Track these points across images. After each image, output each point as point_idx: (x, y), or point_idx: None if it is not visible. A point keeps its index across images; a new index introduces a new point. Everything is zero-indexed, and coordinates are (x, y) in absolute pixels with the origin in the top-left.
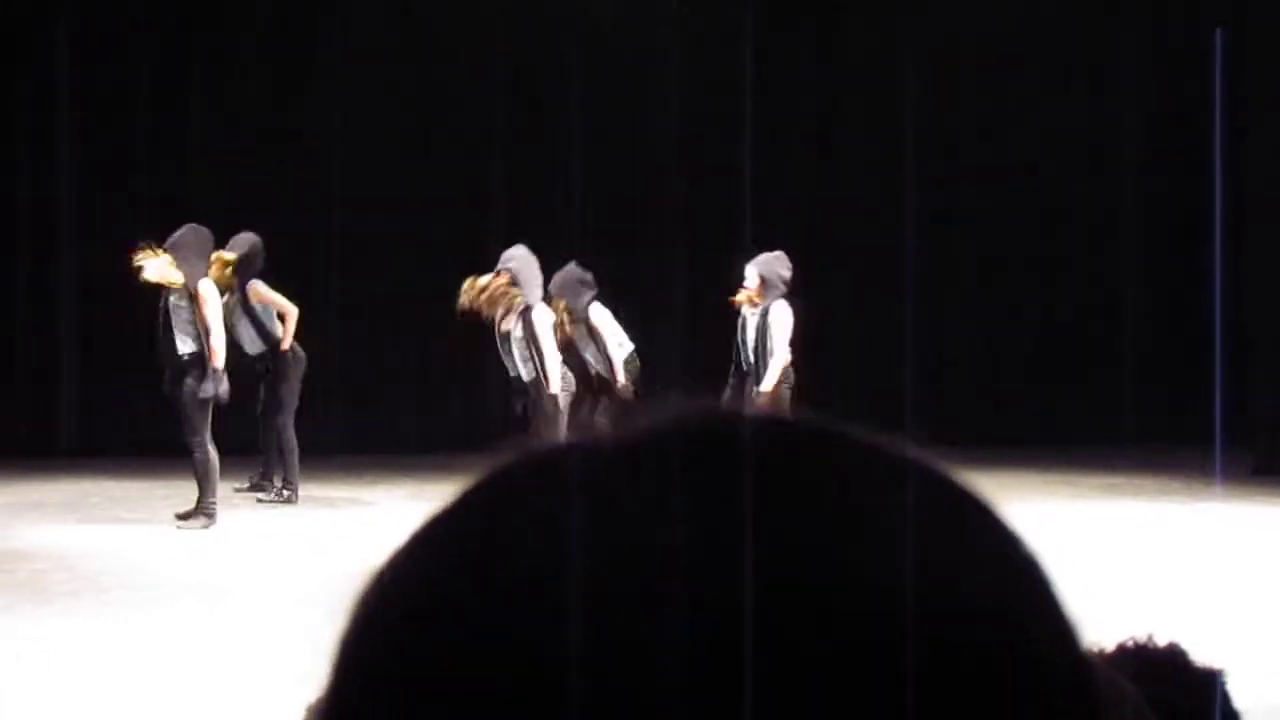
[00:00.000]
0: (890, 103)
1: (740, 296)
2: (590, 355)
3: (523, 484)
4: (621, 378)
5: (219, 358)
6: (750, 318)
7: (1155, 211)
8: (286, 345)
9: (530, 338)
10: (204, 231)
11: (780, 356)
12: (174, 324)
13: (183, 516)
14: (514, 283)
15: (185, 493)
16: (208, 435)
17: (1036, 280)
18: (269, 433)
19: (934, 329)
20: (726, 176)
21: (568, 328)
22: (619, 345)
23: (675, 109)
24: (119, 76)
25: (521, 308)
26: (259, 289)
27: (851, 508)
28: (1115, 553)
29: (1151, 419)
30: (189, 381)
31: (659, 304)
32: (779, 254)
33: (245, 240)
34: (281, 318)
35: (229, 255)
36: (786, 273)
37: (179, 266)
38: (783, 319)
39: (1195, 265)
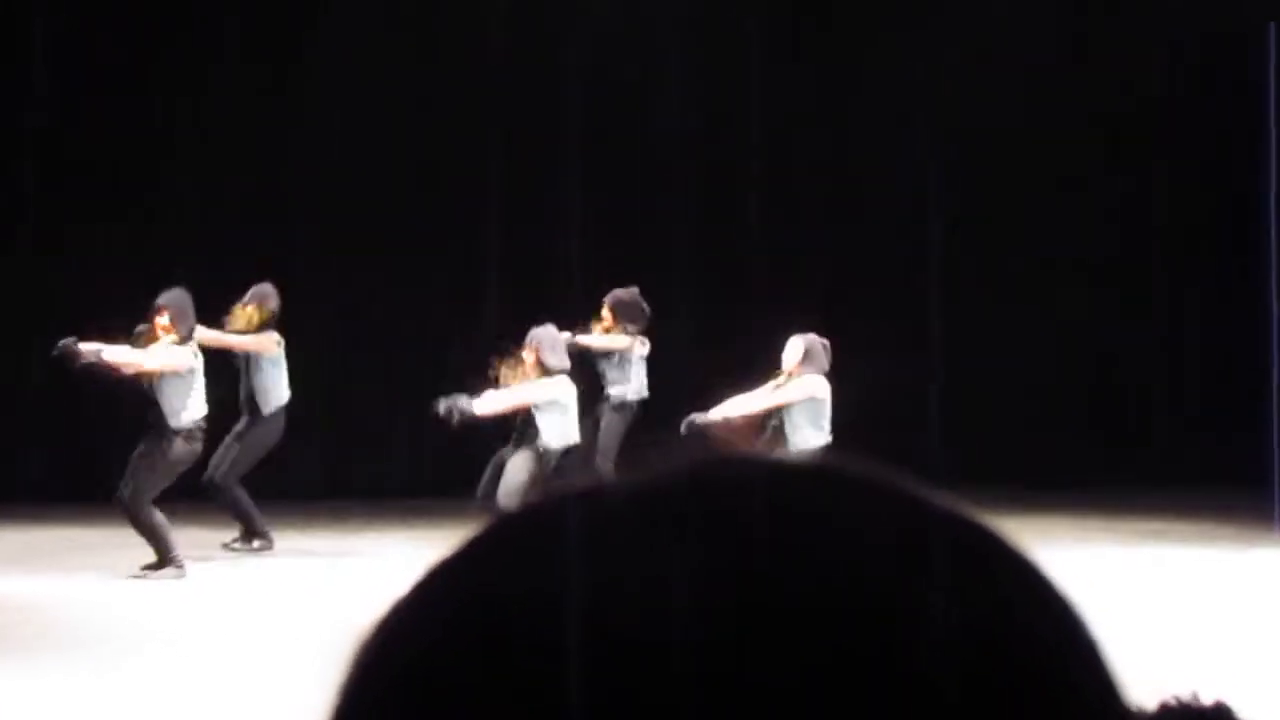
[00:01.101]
0: (915, 142)
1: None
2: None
3: (527, 534)
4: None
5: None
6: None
7: (1207, 251)
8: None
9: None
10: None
11: (763, 402)
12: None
13: (149, 567)
14: (542, 363)
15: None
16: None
17: (1079, 319)
18: (223, 494)
19: (966, 368)
20: (738, 216)
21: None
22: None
23: (681, 136)
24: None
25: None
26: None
27: (873, 562)
28: (1159, 602)
29: (1199, 462)
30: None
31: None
32: (824, 341)
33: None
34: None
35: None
36: (826, 360)
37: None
38: (803, 384)
39: (1250, 304)
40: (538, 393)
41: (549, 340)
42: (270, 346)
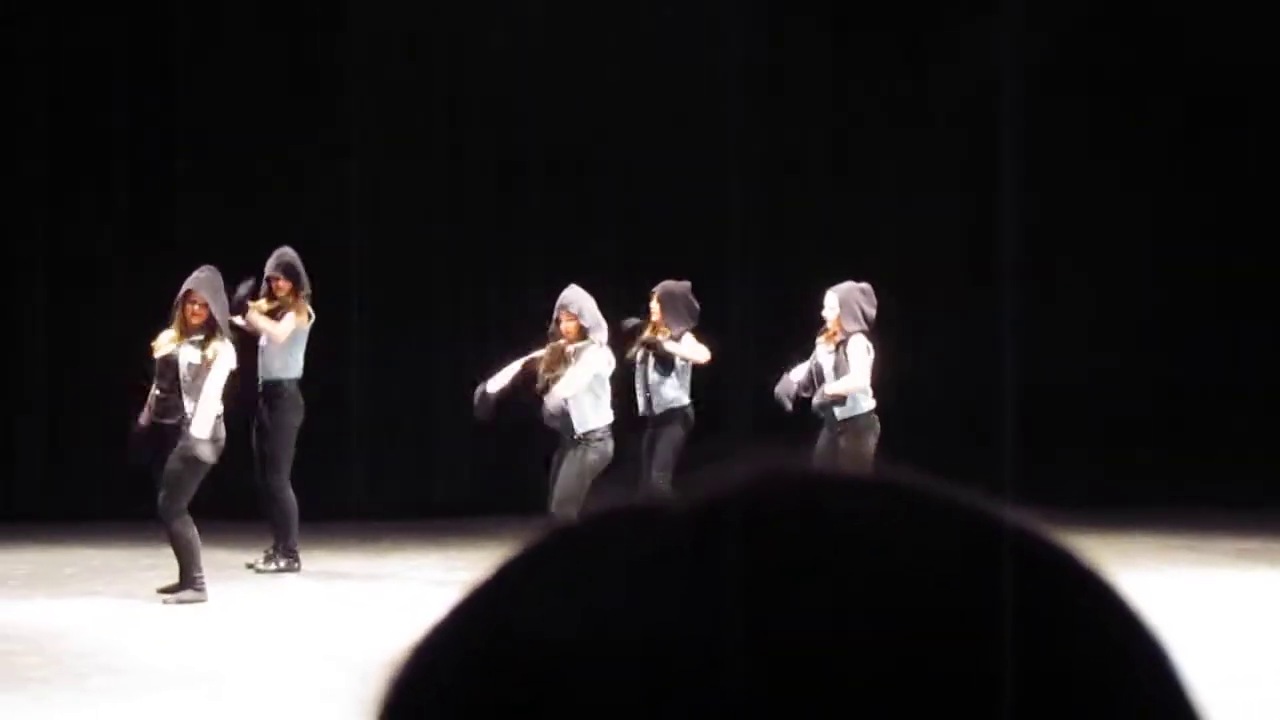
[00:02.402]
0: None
1: (823, 338)
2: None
3: (567, 556)
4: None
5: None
6: (825, 352)
7: None
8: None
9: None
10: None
11: (855, 387)
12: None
13: (167, 590)
14: (583, 329)
15: (170, 562)
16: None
17: (1157, 326)
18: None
19: (1045, 382)
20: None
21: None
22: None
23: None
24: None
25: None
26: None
27: (942, 582)
28: (1245, 627)
29: None
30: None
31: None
32: (864, 285)
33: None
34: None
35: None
36: (871, 308)
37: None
38: (860, 354)
39: None
40: (593, 365)
41: (585, 303)
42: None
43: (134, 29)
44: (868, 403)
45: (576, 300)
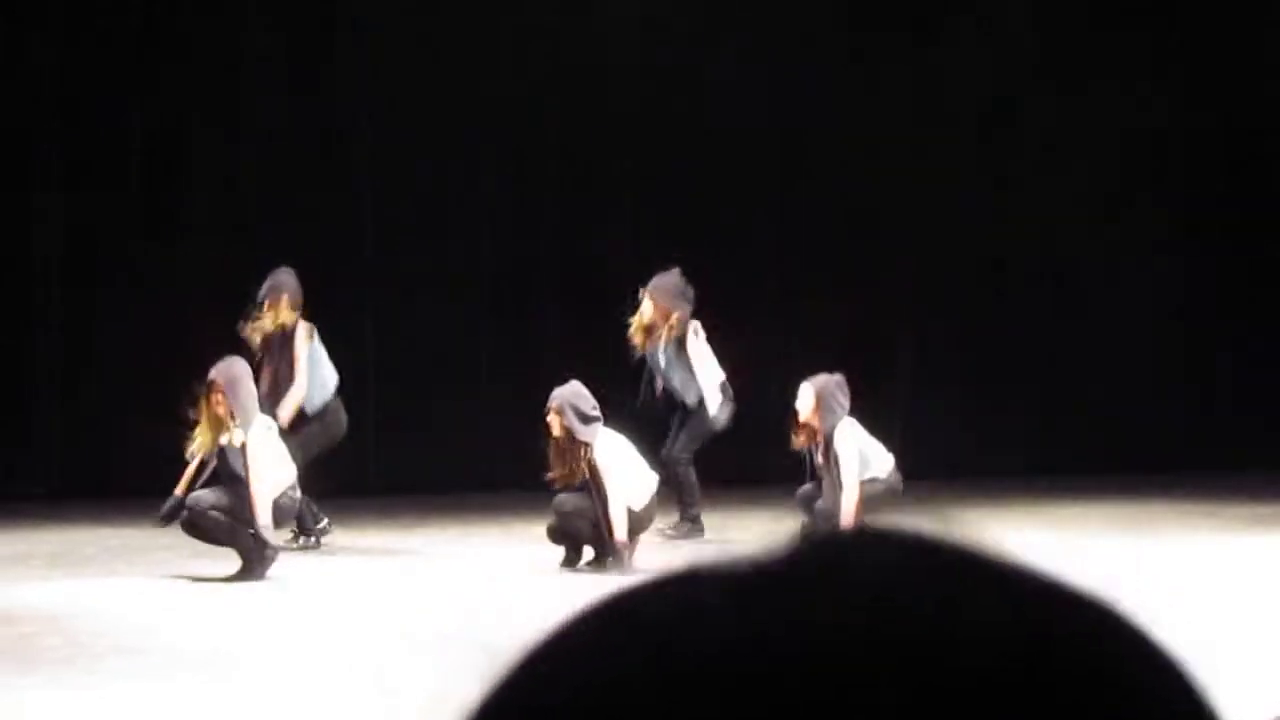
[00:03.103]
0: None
1: (799, 439)
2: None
3: (610, 628)
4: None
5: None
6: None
7: None
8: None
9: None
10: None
11: (852, 490)
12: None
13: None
14: (569, 430)
15: (189, 542)
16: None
17: (1173, 291)
18: None
19: (1057, 346)
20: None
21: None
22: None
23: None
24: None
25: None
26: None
27: (997, 653)
28: (1263, 593)
29: None
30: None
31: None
32: (839, 377)
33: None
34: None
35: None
36: (845, 397)
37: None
38: (849, 446)
39: None
40: (618, 479)
41: (575, 399)
42: (303, 346)
43: (146, 19)
44: (880, 471)
45: (565, 399)
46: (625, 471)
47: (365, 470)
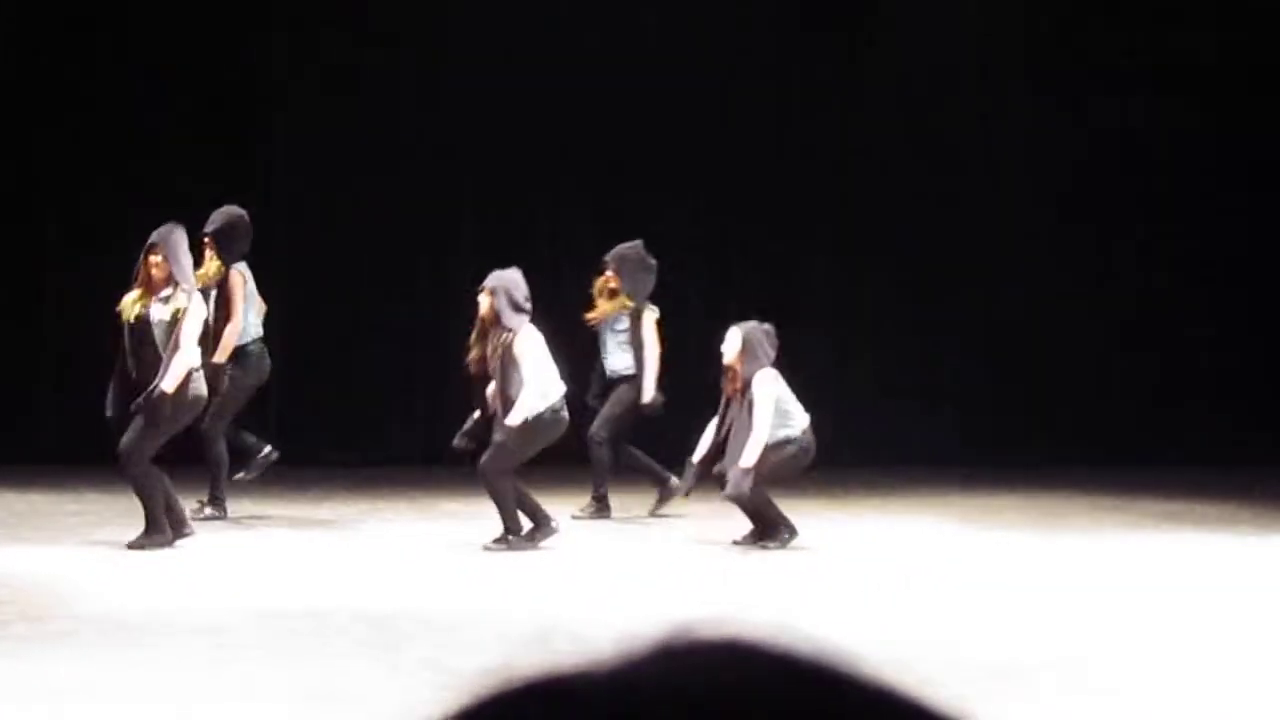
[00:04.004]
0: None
1: (729, 386)
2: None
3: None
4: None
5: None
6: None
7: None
8: (220, 358)
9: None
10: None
11: (761, 436)
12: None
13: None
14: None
15: (98, 509)
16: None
17: (1092, 286)
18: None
19: (981, 340)
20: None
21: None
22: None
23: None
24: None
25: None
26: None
27: None
28: (1172, 590)
29: (1217, 439)
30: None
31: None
32: (768, 326)
33: (224, 214)
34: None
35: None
36: (771, 347)
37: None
38: (767, 393)
39: (1268, 272)
40: (532, 368)
41: (511, 286)
42: (240, 289)
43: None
44: (794, 428)
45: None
46: (540, 365)
47: (315, 442)
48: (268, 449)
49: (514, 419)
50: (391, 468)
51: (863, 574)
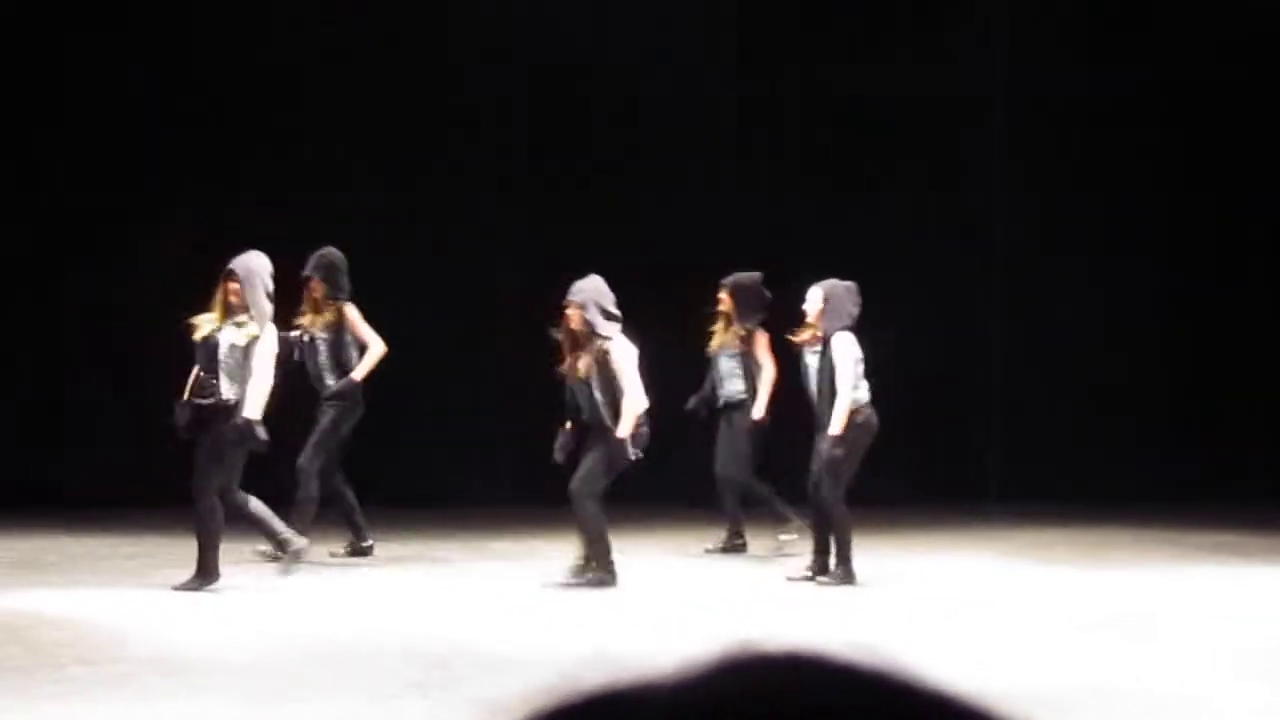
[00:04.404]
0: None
1: (802, 335)
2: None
3: None
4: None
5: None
6: (810, 355)
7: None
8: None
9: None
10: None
11: (846, 396)
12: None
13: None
14: (586, 321)
15: (154, 550)
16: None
17: (1133, 321)
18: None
19: (1023, 374)
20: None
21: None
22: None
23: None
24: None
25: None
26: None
27: None
28: (1220, 621)
29: (1268, 473)
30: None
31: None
32: (850, 284)
33: (325, 255)
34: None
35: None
36: (855, 307)
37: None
38: (847, 352)
39: None
40: (632, 378)
41: (599, 296)
42: (361, 318)
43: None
44: (860, 396)
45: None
46: (636, 376)
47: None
48: (369, 542)
49: (623, 429)
50: (442, 507)
51: (910, 606)
